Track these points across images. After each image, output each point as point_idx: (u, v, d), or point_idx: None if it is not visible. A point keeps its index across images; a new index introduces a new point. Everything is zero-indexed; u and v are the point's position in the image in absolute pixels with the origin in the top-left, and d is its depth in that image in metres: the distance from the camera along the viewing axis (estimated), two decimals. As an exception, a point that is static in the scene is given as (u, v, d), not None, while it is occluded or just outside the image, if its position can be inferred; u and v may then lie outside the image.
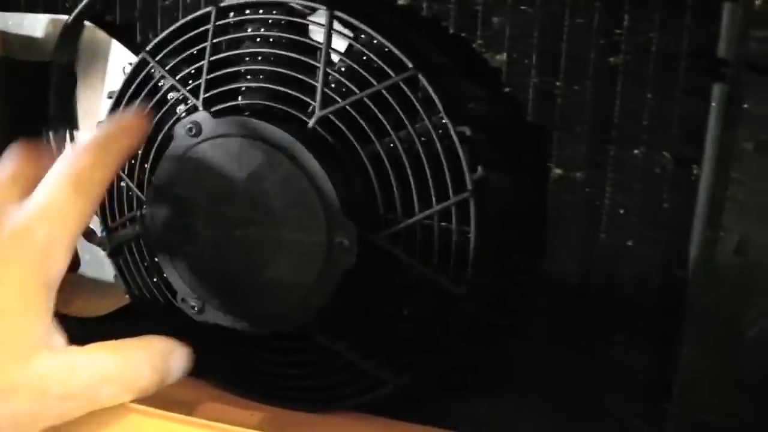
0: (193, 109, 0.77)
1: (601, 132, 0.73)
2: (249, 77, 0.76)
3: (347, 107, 0.71)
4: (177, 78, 0.78)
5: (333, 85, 0.72)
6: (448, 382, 0.79)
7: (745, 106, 0.67)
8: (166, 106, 0.79)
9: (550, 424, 0.78)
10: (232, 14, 0.77)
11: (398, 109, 0.70)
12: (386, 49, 0.71)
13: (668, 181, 0.72)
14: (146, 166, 0.81)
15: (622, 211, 0.73)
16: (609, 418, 0.76)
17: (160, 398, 0.75)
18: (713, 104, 0.69)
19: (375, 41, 0.71)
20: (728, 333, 0.70)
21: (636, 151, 0.72)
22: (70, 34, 0.89)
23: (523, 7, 0.73)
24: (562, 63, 0.73)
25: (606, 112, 0.72)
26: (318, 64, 0.72)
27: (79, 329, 0.95)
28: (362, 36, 0.72)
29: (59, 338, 0.68)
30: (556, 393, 0.78)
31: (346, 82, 0.71)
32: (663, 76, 0.70)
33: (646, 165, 0.72)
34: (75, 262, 0.94)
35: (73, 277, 0.95)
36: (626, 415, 0.76)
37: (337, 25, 0.72)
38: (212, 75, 0.76)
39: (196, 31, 0.77)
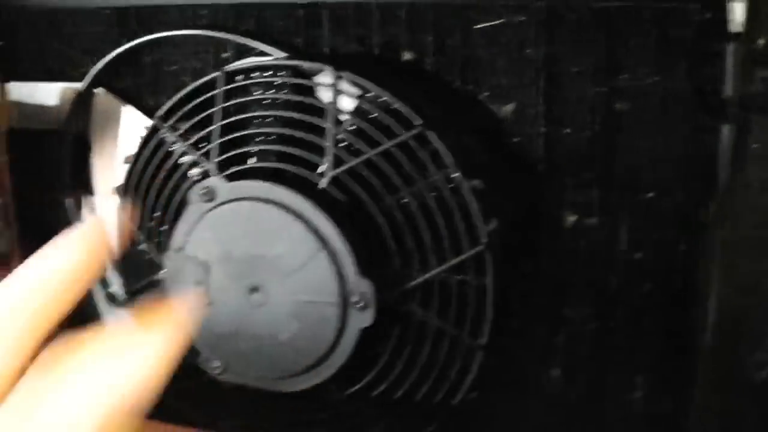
0: (205, 174, 0.77)
1: (612, 177, 0.73)
2: (259, 139, 0.77)
3: (357, 166, 0.71)
4: (189, 142, 0.79)
5: (342, 145, 0.73)
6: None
7: (754, 146, 0.68)
8: (180, 171, 0.80)
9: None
10: (239, 78, 0.78)
11: (407, 165, 0.70)
12: (393, 106, 0.72)
13: (680, 223, 0.72)
14: (164, 229, 0.81)
15: (637, 256, 0.73)
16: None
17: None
18: (720, 145, 0.69)
19: (382, 98, 0.72)
20: (741, 375, 0.70)
21: (648, 195, 0.72)
22: (82, 102, 0.91)
23: (527, 56, 0.73)
24: (569, 110, 0.73)
25: (615, 157, 0.72)
26: (326, 125, 0.73)
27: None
28: (369, 94, 0.73)
29: None
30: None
31: (355, 141, 0.72)
32: (669, 119, 0.71)
33: (658, 208, 0.72)
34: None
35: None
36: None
37: (343, 84, 0.73)
38: (223, 139, 0.77)
39: (204, 96, 0.78)
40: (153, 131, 0.82)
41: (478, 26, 0.75)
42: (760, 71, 0.66)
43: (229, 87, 0.78)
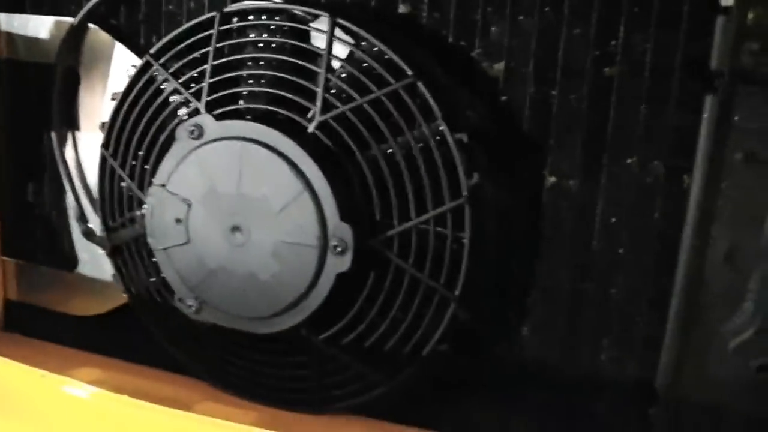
0: (195, 113, 0.78)
1: (595, 142, 0.74)
2: (251, 82, 0.77)
3: (347, 113, 0.72)
4: (180, 81, 0.79)
5: (333, 91, 0.74)
6: (440, 386, 0.80)
7: (736, 118, 0.69)
8: (169, 109, 0.80)
9: (540, 426, 0.80)
10: (235, 20, 0.78)
11: (397, 115, 0.71)
12: (386, 57, 0.72)
13: (659, 191, 0.73)
14: (147, 167, 0.82)
15: (613, 220, 0.74)
16: (597, 422, 0.77)
17: (156, 396, 0.76)
18: (705, 116, 0.70)
19: (375, 49, 0.73)
20: (712, 342, 0.72)
21: (629, 161, 0.73)
22: (74, 37, 0.91)
23: (520, 18, 0.74)
24: (558, 73, 0.74)
25: (600, 122, 0.73)
26: (319, 70, 0.73)
27: (77, 327, 0.97)
28: (363, 43, 0.73)
29: None
30: (546, 397, 0.79)
31: (347, 88, 0.72)
32: (657, 88, 0.72)
33: (638, 174, 0.73)
34: (73, 261, 0.96)
35: (71, 276, 0.96)
36: (615, 419, 0.77)
37: (338, 32, 0.74)
38: (215, 79, 0.77)
39: (199, 36, 0.79)
40: (144, 69, 0.82)
41: (475, -16, 0.75)
42: (748, 44, 0.68)
43: (224, 28, 0.78)
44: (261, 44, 0.77)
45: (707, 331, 0.73)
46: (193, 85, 0.79)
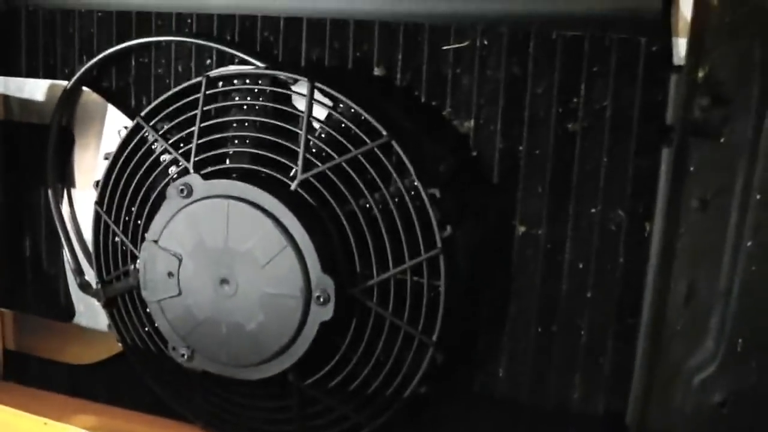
0: (184, 172, 0.82)
1: (561, 192, 0.78)
2: (237, 142, 0.82)
3: (327, 171, 0.77)
4: (170, 142, 0.84)
5: (314, 150, 0.78)
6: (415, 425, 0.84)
7: (690, 168, 0.74)
8: (159, 168, 0.85)
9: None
10: (220, 83, 0.83)
11: (373, 173, 0.75)
12: (363, 117, 0.77)
13: (623, 237, 0.77)
14: (140, 223, 0.86)
15: (581, 265, 0.79)
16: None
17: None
18: (662, 167, 0.75)
19: (352, 110, 0.77)
20: (677, 378, 0.76)
21: (593, 210, 0.78)
22: (68, 99, 0.95)
23: (488, 77, 0.79)
24: (525, 129, 0.79)
25: (565, 174, 0.78)
26: (300, 131, 0.78)
27: (73, 375, 1.01)
28: (341, 105, 0.78)
29: None
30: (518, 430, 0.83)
31: (326, 148, 0.77)
32: (617, 141, 0.76)
33: (602, 222, 0.78)
34: (70, 312, 1.00)
35: (68, 327, 1.00)
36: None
37: (317, 95, 0.78)
38: (202, 140, 0.82)
39: (187, 99, 0.83)
40: (135, 130, 0.86)
41: (445, 47, 0.80)
42: (699, 100, 0.72)
43: (210, 92, 0.83)
44: (245, 107, 0.82)
45: (672, 368, 0.77)
46: (182, 145, 0.84)
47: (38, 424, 0.80)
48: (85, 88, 0.95)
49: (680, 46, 0.73)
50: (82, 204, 0.97)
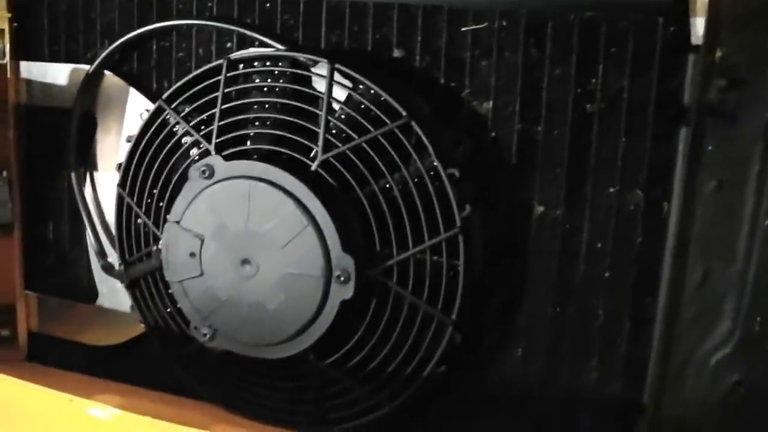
0: (205, 153, 0.83)
1: (579, 173, 0.79)
2: (257, 124, 0.83)
3: (347, 151, 0.78)
4: (191, 124, 0.85)
5: (334, 132, 0.79)
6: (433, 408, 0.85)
7: (708, 149, 0.74)
8: (181, 150, 0.86)
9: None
10: (241, 66, 0.84)
11: (393, 153, 0.76)
12: (382, 99, 0.78)
13: (641, 218, 0.78)
14: (162, 204, 0.87)
15: (599, 245, 0.79)
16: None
17: (172, 420, 0.81)
18: (679, 147, 0.76)
19: (372, 91, 0.78)
20: (693, 358, 0.77)
21: (611, 190, 0.78)
22: (90, 83, 0.97)
23: (507, 59, 0.80)
24: (543, 111, 0.79)
25: (583, 155, 0.79)
26: (320, 112, 0.79)
27: (96, 356, 1.02)
28: (360, 86, 0.79)
29: None
30: (533, 417, 0.84)
31: (346, 129, 0.78)
32: (635, 122, 0.77)
33: (620, 203, 0.78)
34: (93, 294, 1.01)
35: (91, 308, 1.01)
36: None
37: (337, 76, 0.79)
38: (223, 122, 0.83)
39: (208, 81, 0.84)
40: (157, 113, 0.87)
41: (464, 29, 0.81)
42: (716, 80, 0.73)
43: (231, 74, 0.83)
44: (266, 89, 0.83)
45: (688, 349, 0.77)
46: (203, 127, 0.85)
47: (63, 400, 0.81)
48: (107, 72, 0.96)
49: (698, 26, 0.73)
50: (104, 187, 0.99)
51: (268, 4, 0.88)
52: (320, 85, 0.80)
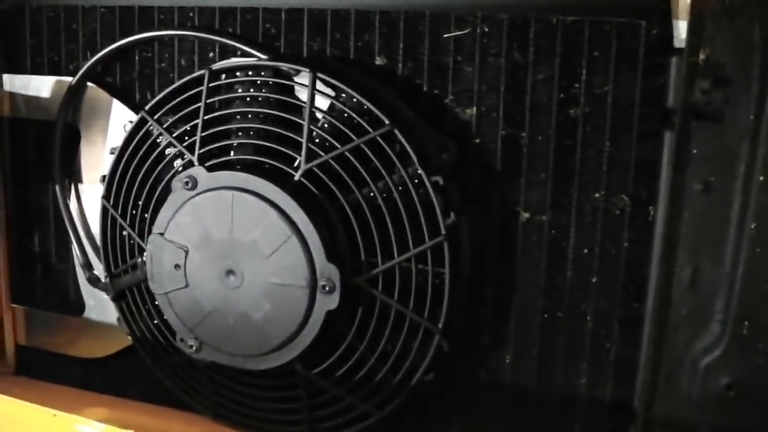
0: (189, 164, 0.83)
1: (564, 178, 0.79)
2: (240, 134, 0.82)
3: (330, 161, 0.77)
4: (174, 135, 0.84)
5: (317, 141, 0.78)
6: (422, 413, 0.85)
7: (693, 151, 0.74)
8: (165, 161, 0.85)
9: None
10: (223, 76, 0.83)
11: (376, 161, 0.76)
12: (365, 107, 0.77)
13: (627, 222, 0.77)
14: (146, 216, 0.87)
15: (585, 250, 0.79)
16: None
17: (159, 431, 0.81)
18: (665, 150, 0.75)
19: (355, 99, 0.78)
20: (683, 361, 0.76)
21: (597, 195, 0.78)
22: (73, 95, 0.96)
23: (489, 64, 0.79)
24: (527, 116, 0.79)
25: (568, 160, 0.78)
26: (302, 122, 0.78)
27: (84, 369, 1.02)
28: (343, 95, 0.78)
29: None
30: (525, 421, 0.83)
31: (329, 138, 0.77)
32: (619, 126, 0.76)
33: (606, 207, 0.78)
34: (80, 307, 1.00)
35: (78, 321, 1.01)
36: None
37: (319, 85, 0.79)
38: (206, 132, 0.82)
39: (191, 92, 0.84)
40: (140, 124, 0.87)
41: (446, 35, 0.80)
42: (699, 82, 0.72)
43: (213, 84, 0.83)
44: (248, 98, 0.82)
45: (678, 353, 0.77)
46: (186, 138, 0.84)
47: (47, 416, 0.81)
48: (90, 84, 0.96)
49: (680, 29, 0.73)
50: (89, 199, 0.98)
51: (249, 15, 0.87)
52: (303, 94, 0.80)
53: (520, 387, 0.83)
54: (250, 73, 0.83)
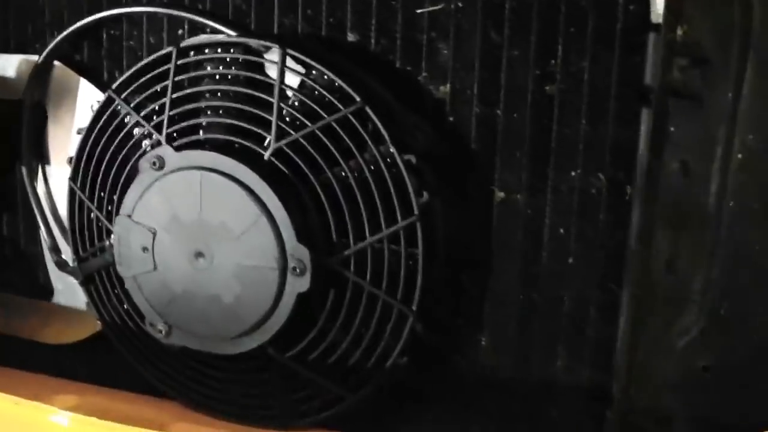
0: (156, 144, 0.81)
1: (540, 157, 0.77)
2: (209, 113, 0.80)
3: (300, 139, 0.75)
4: (141, 114, 0.82)
5: (287, 119, 0.77)
6: (400, 397, 0.83)
7: (671, 129, 0.72)
8: (132, 141, 0.83)
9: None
10: (192, 53, 0.81)
11: (348, 140, 0.74)
12: (336, 84, 0.75)
13: (604, 202, 0.76)
14: (114, 198, 0.85)
15: (561, 231, 0.78)
16: (554, 426, 0.81)
17: (130, 418, 0.79)
18: (642, 129, 0.74)
19: (326, 77, 0.76)
20: (660, 343, 0.75)
21: (573, 174, 0.77)
22: (40, 73, 0.94)
23: (464, 40, 0.77)
24: (502, 93, 0.77)
25: (544, 138, 0.77)
26: (272, 100, 0.76)
27: (53, 355, 1.00)
28: (313, 72, 0.77)
29: None
30: (502, 407, 0.82)
31: (300, 117, 0.76)
32: (595, 104, 0.75)
33: (582, 187, 0.76)
34: (48, 291, 0.98)
35: (47, 306, 0.99)
36: (570, 424, 0.80)
37: (290, 62, 0.77)
38: (174, 111, 0.80)
39: (158, 70, 0.82)
40: (107, 103, 0.85)
41: (420, 11, 0.79)
42: (678, 60, 0.71)
43: (182, 62, 0.81)
44: (218, 76, 0.80)
45: (655, 334, 0.76)
46: (155, 117, 0.82)
47: (9, 404, 0.79)
48: (57, 63, 0.93)
49: (658, 4, 0.71)
50: (57, 180, 0.96)
51: (218, -9, 0.86)
52: (273, 71, 0.78)
53: (496, 369, 0.82)
54: (219, 50, 0.81)
